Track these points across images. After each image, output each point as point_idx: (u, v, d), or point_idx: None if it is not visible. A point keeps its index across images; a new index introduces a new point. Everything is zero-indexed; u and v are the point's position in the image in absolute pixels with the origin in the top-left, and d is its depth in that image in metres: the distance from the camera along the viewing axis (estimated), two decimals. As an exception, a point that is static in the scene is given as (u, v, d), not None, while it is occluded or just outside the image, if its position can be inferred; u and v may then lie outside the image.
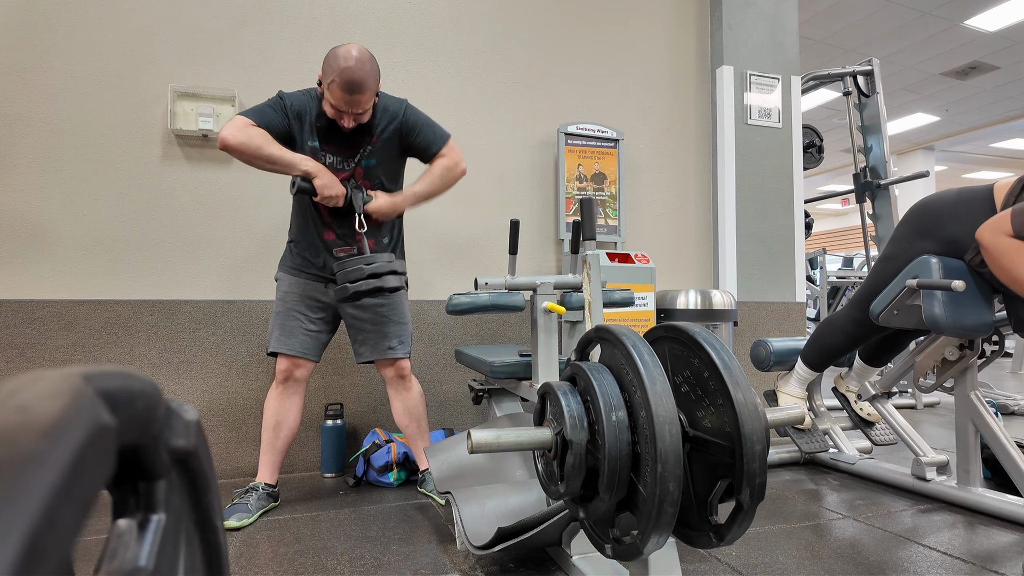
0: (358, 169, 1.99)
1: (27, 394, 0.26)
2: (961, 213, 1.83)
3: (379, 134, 1.98)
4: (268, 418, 2.04)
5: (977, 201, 1.81)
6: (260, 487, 1.99)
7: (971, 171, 12.46)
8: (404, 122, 1.98)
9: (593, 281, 1.64)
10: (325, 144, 1.94)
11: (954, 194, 1.89)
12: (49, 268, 2.30)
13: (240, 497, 1.95)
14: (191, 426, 0.41)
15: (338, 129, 1.91)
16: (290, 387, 2.05)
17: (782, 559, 1.61)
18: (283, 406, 2.04)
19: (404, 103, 2.00)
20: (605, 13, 3.12)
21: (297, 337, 2.01)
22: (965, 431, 2.05)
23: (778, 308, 3.21)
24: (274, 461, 2.05)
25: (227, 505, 1.93)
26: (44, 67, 2.31)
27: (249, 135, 1.80)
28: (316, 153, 1.94)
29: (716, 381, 1.05)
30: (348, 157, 1.97)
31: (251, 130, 1.81)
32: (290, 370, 2.02)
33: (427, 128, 2.01)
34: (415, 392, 2.15)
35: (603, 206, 2.98)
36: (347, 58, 1.78)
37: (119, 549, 0.36)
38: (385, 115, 1.97)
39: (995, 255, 1.65)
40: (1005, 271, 1.64)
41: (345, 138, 1.94)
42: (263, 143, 1.82)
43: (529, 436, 1.15)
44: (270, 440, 2.04)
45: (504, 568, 1.55)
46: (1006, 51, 6.78)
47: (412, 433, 2.16)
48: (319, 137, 1.93)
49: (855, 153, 4.08)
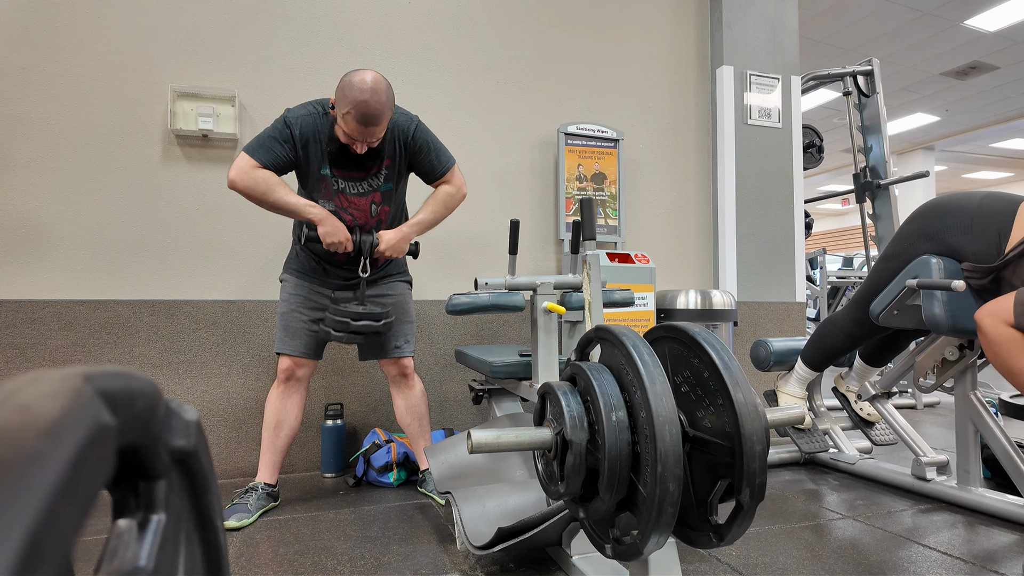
0: (375, 195, 1.99)
1: (27, 394, 0.26)
2: (975, 229, 1.74)
3: (393, 156, 1.97)
4: (269, 417, 2.04)
5: (996, 218, 1.70)
6: (260, 487, 1.99)
7: (971, 171, 12.46)
8: (414, 141, 1.97)
9: (593, 281, 1.64)
10: (336, 169, 1.93)
11: (975, 203, 1.77)
12: (49, 268, 2.30)
13: (240, 497, 1.95)
14: (191, 426, 0.41)
15: (349, 153, 1.90)
16: (291, 386, 2.05)
17: (782, 559, 1.61)
18: (284, 405, 2.04)
19: (415, 121, 1.98)
20: (605, 13, 3.12)
21: (300, 338, 2.02)
22: (965, 431, 2.05)
23: (778, 308, 3.21)
24: (274, 461, 2.05)
25: (227, 505, 1.93)
26: (44, 67, 2.31)
27: (254, 179, 1.81)
28: (328, 180, 1.93)
29: (716, 381, 1.05)
30: (360, 180, 1.96)
31: (256, 173, 1.81)
32: (291, 369, 2.03)
33: (435, 151, 2.01)
34: (418, 391, 2.16)
35: (603, 206, 2.98)
36: (363, 89, 1.74)
37: (119, 549, 0.36)
38: (396, 131, 1.95)
39: (993, 343, 1.59)
40: (1001, 361, 1.59)
41: (356, 161, 1.93)
42: (267, 188, 1.82)
43: (529, 436, 1.15)
44: (270, 439, 2.04)
45: (504, 568, 1.55)
46: (1006, 51, 6.78)
47: (414, 432, 2.16)
48: (330, 163, 1.92)
49: (855, 153, 4.08)
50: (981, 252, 1.72)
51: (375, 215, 2.00)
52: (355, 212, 1.97)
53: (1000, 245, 1.68)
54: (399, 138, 1.96)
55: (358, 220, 1.98)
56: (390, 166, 1.97)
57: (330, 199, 1.95)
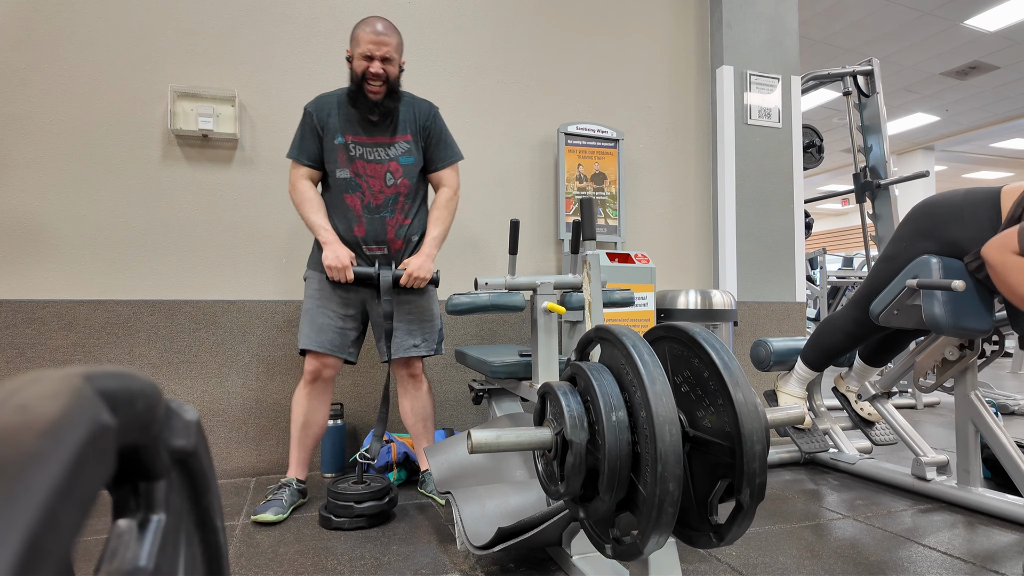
0: (392, 163, 2.02)
1: (27, 394, 0.26)
2: (966, 217, 1.81)
3: (414, 133, 2.05)
4: (297, 416, 2.06)
5: (983, 205, 1.78)
6: (293, 483, 2.02)
7: (971, 171, 12.46)
8: (433, 123, 2.09)
9: (593, 281, 1.64)
10: (349, 135, 2.01)
11: (960, 196, 1.86)
12: (49, 268, 2.30)
13: (274, 493, 1.97)
14: (191, 426, 0.41)
15: (363, 116, 1.99)
16: (319, 386, 2.06)
17: (782, 559, 1.61)
18: (312, 405, 2.06)
19: (435, 107, 2.11)
20: (605, 13, 3.12)
21: (327, 334, 2.02)
22: (965, 431, 2.05)
23: (778, 308, 3.21)
24: (304, 458, 2.09)
25: (262, 501, 1.96)
26: (44, 67, 2.31)
27: (296, 193, 2.02)
28: (341, 148, 2.00)
29: (716, 381, 1.05)
30: (375, 146, 2.01)
31: (299, 186, 2.01)
32: (319, 370, 2.04)
33: (448, 142, 2.13)
34: (424, 392, 2.16)
35: (603, 206, 2.98)
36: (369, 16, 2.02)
37: (119, 549, 0.36)
38: (418, 110, 2.07)
39: (1001, 273, 1.63)
40: (1011, 289, 1.62)
41: (371, 125, 2.00)
42: (299, 202, 2.01)
43: (529, 436, 1.15)
44: (300, 438, 2.06)
45: (504, 568, 1.55)
46: (1006, 51, 6.78)
47: (418, 433, 2.17)
48: (343, 130, 2.01)
49: (855, 153, 4.08)
50: (976, 236, 1.77)
51: (391, 185, 2.02)
52: (369, 179, 2.00)
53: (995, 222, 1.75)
54: (420, 117, 2.07)
55: (372, 188, 2.00)
56: (411, 141, 2.05)
57: (344, 166, 2.00)
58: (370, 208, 2.00)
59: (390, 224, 2.02)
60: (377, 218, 2.01)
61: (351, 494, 1.84)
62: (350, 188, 2.00)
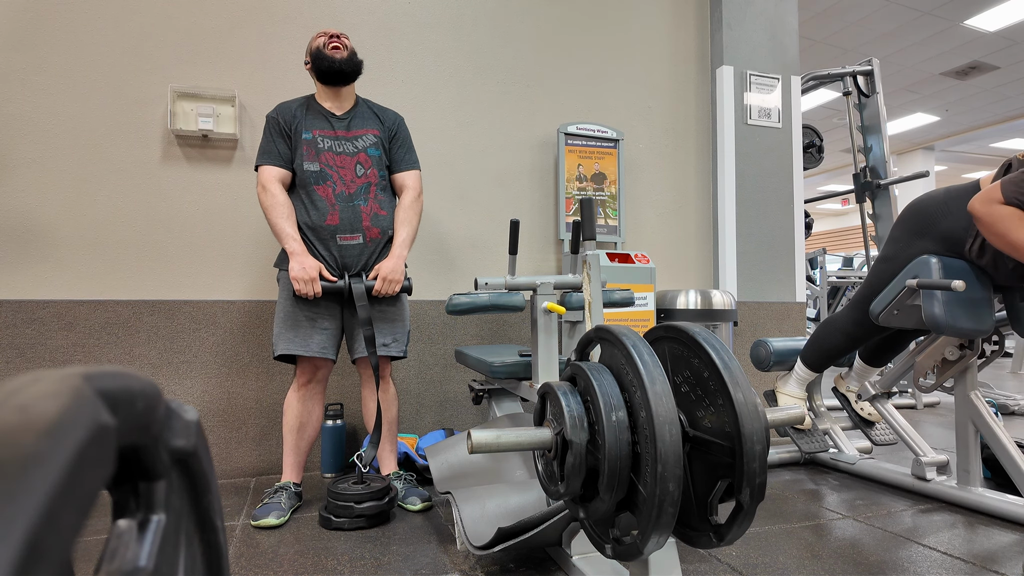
0: (361, 155, 2.04)
1: (27, 394, 0.26)
2: (952, 208, 1.87)
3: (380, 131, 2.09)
4: (290, 420, 2.04)
5: (965, 195, 1.86)
6: (290, 486, 2.01)
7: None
8: (398, 128, 2.14)
9: (593, 281, 1.64)
10: (316, 130, 2.03)
11: (943, 192, 1.94)
12: (49, 268, 2.30)
13: (271, 497, 1.96)
14: (191, 426, 0.41)
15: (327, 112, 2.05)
16: (312, 388, 2.05)
17: (782, 559, 1.61)
18: (305, 408, 2.05)
19: (402, 117, 2.18)
20: (605, 13, 3.12)
21: (314, 337, 2.00)
22: (965, 431, 2.05)
23: (778, 308, 3.21)
24: (299, 461, 2.07)
25: (259, 505, 1.94)
26: (44, 67, 2.31)
27: (269, 194, 1.98)
28: (309, 142, 2.01)
29: (716, 381, 1.05)
30: (343, 139, 2.04)
31: (271, 188, 1.98)
32: (311, 374, 2.03)
33: (409, 148, 2.18)
34: (391, 395, 2.15)
35: (603, 206, 2.98)
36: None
37: (119, 549, 0.36)
38: (386, 116, 2.13)
39: (989, 223, 1.68)
40: (1001, 237, 1.67)
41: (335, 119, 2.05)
42: (271, 207, 1.97)
43: (529, 436, 1.15)
44: (294, 442, 2.05)
45: (504, 568, 1.55)
46: (1006, 51, 6.78)
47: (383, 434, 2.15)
48: (309, 126, 2.04)
49: (855, 153, 4.08)
50: (967, 225, 1.83)
51: (361, 175, 2.03)
52: (340, 170, 2.01)
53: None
54: (387, 120, 2.13)
55: (344, 178, 2.01)
56: (378, 136, 2.09)
57: (313, 160, 2.01)
58: (343, 197, 1.99)
59: (364, 212, 2.01)
60: (351, 206, 2.00)
61: (351, 494, 1.83)
62: (320, 180, 1.99)
